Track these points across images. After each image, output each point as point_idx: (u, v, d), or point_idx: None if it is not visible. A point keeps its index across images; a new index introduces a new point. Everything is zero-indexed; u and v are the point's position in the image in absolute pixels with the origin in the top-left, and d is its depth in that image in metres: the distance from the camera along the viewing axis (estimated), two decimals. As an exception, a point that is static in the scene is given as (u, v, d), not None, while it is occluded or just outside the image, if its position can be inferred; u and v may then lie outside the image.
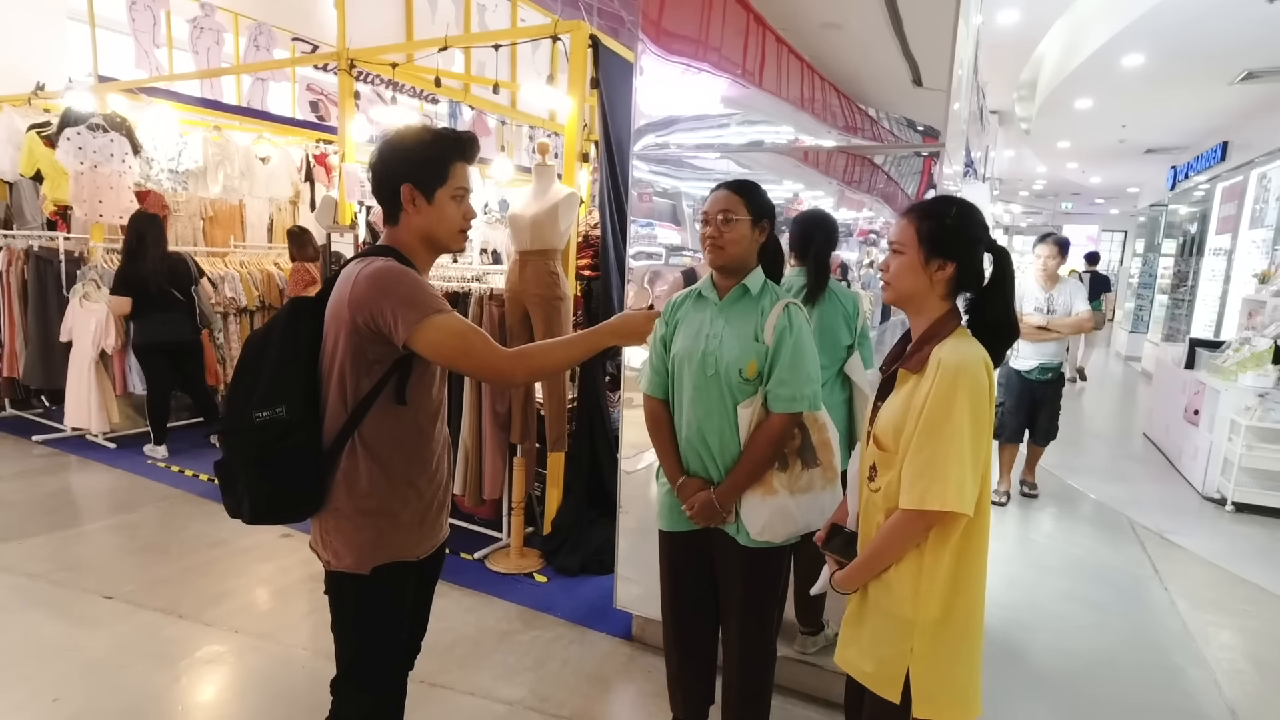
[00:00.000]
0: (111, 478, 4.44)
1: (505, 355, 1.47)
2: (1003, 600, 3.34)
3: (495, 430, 3.39)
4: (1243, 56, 6.03)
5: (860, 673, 1.48)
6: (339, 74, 4.41)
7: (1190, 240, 9.55)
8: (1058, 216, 20.08)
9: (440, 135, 1.50)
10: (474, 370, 1.48)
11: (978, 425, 1.30)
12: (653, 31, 2.47)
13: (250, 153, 6.21)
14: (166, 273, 4.62)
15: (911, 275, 1.41)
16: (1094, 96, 7.72)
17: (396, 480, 1.49)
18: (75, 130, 4.81)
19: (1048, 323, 4.25)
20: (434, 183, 1.46)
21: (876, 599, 1.45)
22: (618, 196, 3.37)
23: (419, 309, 1.39)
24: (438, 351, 1.41)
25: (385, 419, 1.47)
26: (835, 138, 2.28)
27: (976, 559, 1.37)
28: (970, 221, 1.40)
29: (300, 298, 1.53)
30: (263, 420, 1.40)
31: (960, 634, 1.38)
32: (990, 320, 1.42)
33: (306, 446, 1.44)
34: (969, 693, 1.39)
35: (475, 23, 7.18)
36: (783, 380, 1.71)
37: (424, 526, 1.57)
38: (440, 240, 1.51)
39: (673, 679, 2.06)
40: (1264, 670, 2.85)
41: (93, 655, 2.59)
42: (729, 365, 1.74)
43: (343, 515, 1.48)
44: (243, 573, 3.27)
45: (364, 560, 1.48)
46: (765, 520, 1.75)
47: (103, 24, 5.60)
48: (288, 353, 1.45)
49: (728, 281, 1.81)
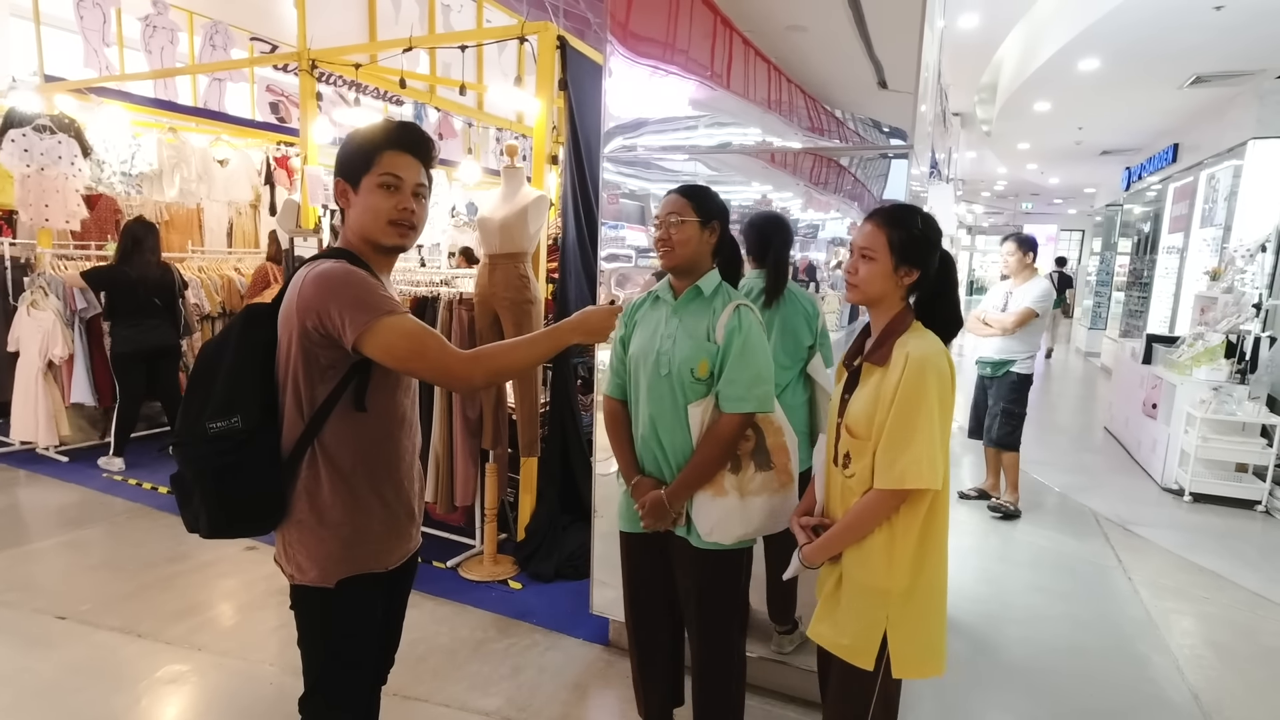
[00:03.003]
0: (63, 492, 4.27)
1: (462, 357, 1.40)
2: (971, 594, 3.39)
3: (466, 436, 3.33)
4: (1192, 61, 6.24)
5: (836, 645, 1.56)
6: (300, 75, 4.31)
7: (1144, 239, 9.85)
8: (1018, 216, 20.58)
9: (379, 125, 1.45)
10: (429, 374, 1.40)
11: (944, 409, 1.44)
12: (620, 33, 2.46)
13: (208, 155, 6.04)
14: (155, 281, 4.48)
15: (882, 280, 1.52)
16: (1052, 99, 7.92)
17: (360, 490, 1.44)
18: (20, 131, 4.63)
19: (985, 318, 4.26)
20: (359, 170, 1.40)
21: (852, 574, 1.54)
22: (585, 198, 3.35)
23: (367, 310, 1.33)
24: (389, 354, 1.35)
25: (345, 427, 1.41)
26: (802, 139, 2.29)
27: (940, 528, 1.51)
28: (933, 230, 1.54)
29: (255, 304, 1.47)
30: (217, 431, 1.34)
31: (929, 597, 1.51)
32: (938, 315, 1.56)
33: (264, 457, 1.38)
34: (938, 650, 1.53)
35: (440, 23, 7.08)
36: (731, 380, 1.73)
37: (392, 537, 1.52)
38: (369, 233, 1.42)
39: (637, 680, 2.08)
40: (1223, 655, 2.93)
41: (46, 679, 2.48)
42: (681, 364, 1.76)
43: (305, 527, 1.42)
44: (205, 588, 3.17)
45: (329, 573, 1.43)
46: (714, 521, 1.75)
47: (48, 21, 5.39)
48: (242, 360, 1.39)
49: (682, 283, 1.84)
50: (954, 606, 3.24)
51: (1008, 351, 4.21)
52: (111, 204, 5.49)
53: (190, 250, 5.92)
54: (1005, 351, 4.21)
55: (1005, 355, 4.21)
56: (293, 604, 1.50)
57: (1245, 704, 2.61)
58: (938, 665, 1.52)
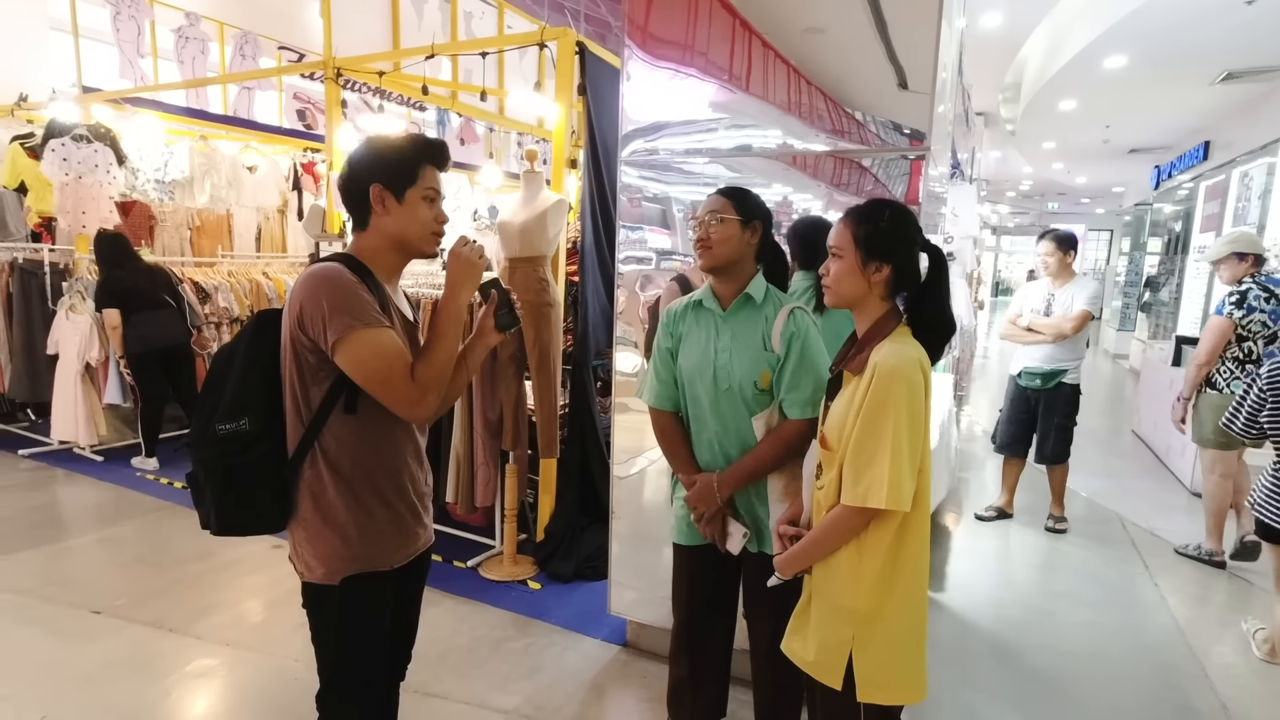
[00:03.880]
0: (99, 491, 4.40)
1: (411, 386, 1.39)
2: (994, 598, 3.35)
3: (487, 437, 3.37)
4: (1223, 57, 6.11)
5: (803, 661, 1.52)
6: (325, 82, 4.40)
7: (1175, 239, 9.65)
8: (1044, 216, 20.26)
9: (410, 137, 1.50)
10: (388, 402, 1.39)
11: (913, 424, 1.35)
12: (639, 37, 2.48)
13: (237, 162, 6.18)
14: (148, 278, 4.59)
15: (851, 278, 1.45)
16: (1077, 98, 7.80)
17: (361, 490, 1.47)
18: (60, 141, 4.78)
19: (1031, 323, 3.95)
20: (404, 183, 1.44)
21: (820, 589, 1.50)
22: (603, 201, 3.38)
23: (347, 317, 1.34)
24: (357, 368, 1.36)
25: (342, 428, 1.44)
26: (822, 141, 2.30)
27: (915, 553, 1.42)
28: (904, 224, 1.45)
29: (266, 310, 1.52)
30: (226, 433, 1.40)
31: (899, 624, 1.42)
32: (925, 318, 1.46)
33: (269, 458, 1.43)
34: (913, 677, 1.44)
35: (462, 30, 7.19)
36: (795, 385, 1.70)
37: (397, 535, 1.53)
38: (411, 242, 1.47)
39: (682, 692, 2.03)
40: (1254, 666, 2.87)
41: (81, 671, 2.56)
42: (743, 379, 1.73)
43: (311, 526, 1.47)
44: (233, 585, 3.24)
45: (334, 571, 1.47)
46: None
47: (86, 34, 5.57)
48: (250, 365, 1.44)
49: (728, 289, 1.79)
50: (974, 611, 3.22)
51: (1058, 360, 3.93)
52: (145, 210, 5.64)
53: (220, 255, 6.06)
54: (1055, 360, 3.93)
55: (1056, 364, 3.93)
56: (304, 602, 1.54)
57: (1274, 716, 2.55)
58: (913, 692, 1.44)
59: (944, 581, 3.53)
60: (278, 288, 5.71)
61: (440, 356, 1.44)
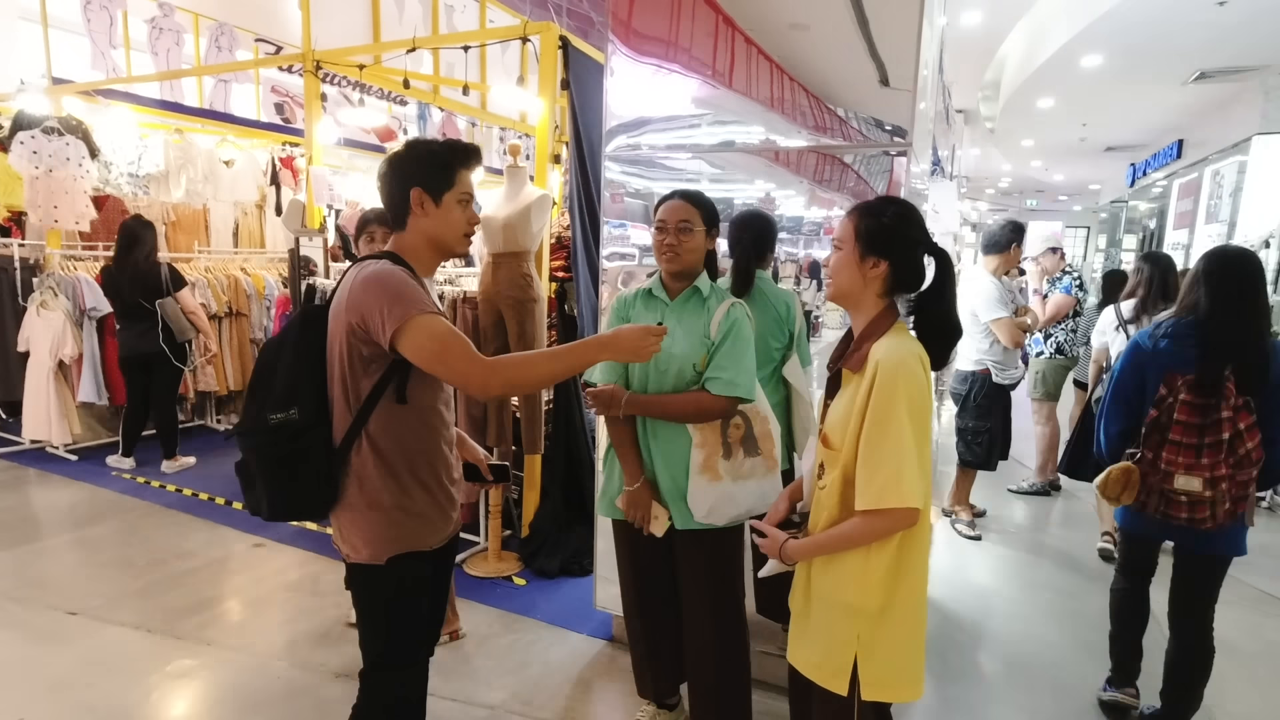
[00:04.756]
0: (74, 491, 4.32)
1: (481, 365, 1.47)
2: (978, 590, 3.40)
3: (471, 433, 3.36)
4: (1195, 57, 6.23)
5: (809, 666, 1.51)
6: (305, 76, 4.34)
7: (1150, 235, 9.83)
8: (1023, 213, 20.53)
9: (449, 144, 1.60)
10: (449, 377, 1.50)
11: (917, 420, 1.33)
12: (622, 32, 2.48)
13: (214, 156, 6.07)
14: (140, 283, 4.47)
15: (847, 271, 1.45)
16: (1055, 96, 7.91)
17: (404, 476, 1.55)
18: (29, 134, 4.67)
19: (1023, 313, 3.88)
20: (442, 187, 1.54)
21: (822, 591, 1.48)
22: (588, 197, 3.37)
23: (405, 306, 1.43)
24: (417, 353, 1.44)
25: (389, 418, 1.52)
26: (804, 138, 2.31)
27: (919, 548, 1.43)
28: (907, 222, 1.43)
29: (312, 305, 1.60)
30: (277, 422, 1.49)
31: (904, 620, 1.43)
32: (929, 321, 1.46)
33: (318, 446, 1.52)
34: (914, 674, 1.45)
35: (443, 24, 7.12)
36: (721, 366, 1.83)
37: (436, 518, 1.62)
38: (446, 243, 1.58)
39: (644, 661, 2.18)
40: (1229, 652, 2.92)
41: (59, 673, 2.52)
42: (682, 362, 1.87)
43: (357, 510, 1.55)
44: (214, 585, 3.20)
45: (380, 552, 1.55)
46: (710, 504, 1.87)
47: (56, 24, 5.44)
48: (299, 357, 1.54)
49: (679, 284, 1.93)
50: (958, 604, 3.27)
51: None
52: (119, 205, 5.53)
53: (197, 250, 5.97)
54: None
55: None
56: (349, 582, 1.63)
57: (1248, 700, 2.62)
58: (914, 689, 1.44)
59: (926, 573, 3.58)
60: (256, 283, 5.63)
61: (534, 372, 1.55)
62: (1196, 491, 2.02)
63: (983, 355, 3.81)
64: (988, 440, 3.87)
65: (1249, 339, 2.02)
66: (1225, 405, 1.99)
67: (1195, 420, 2.02)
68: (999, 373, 3.80)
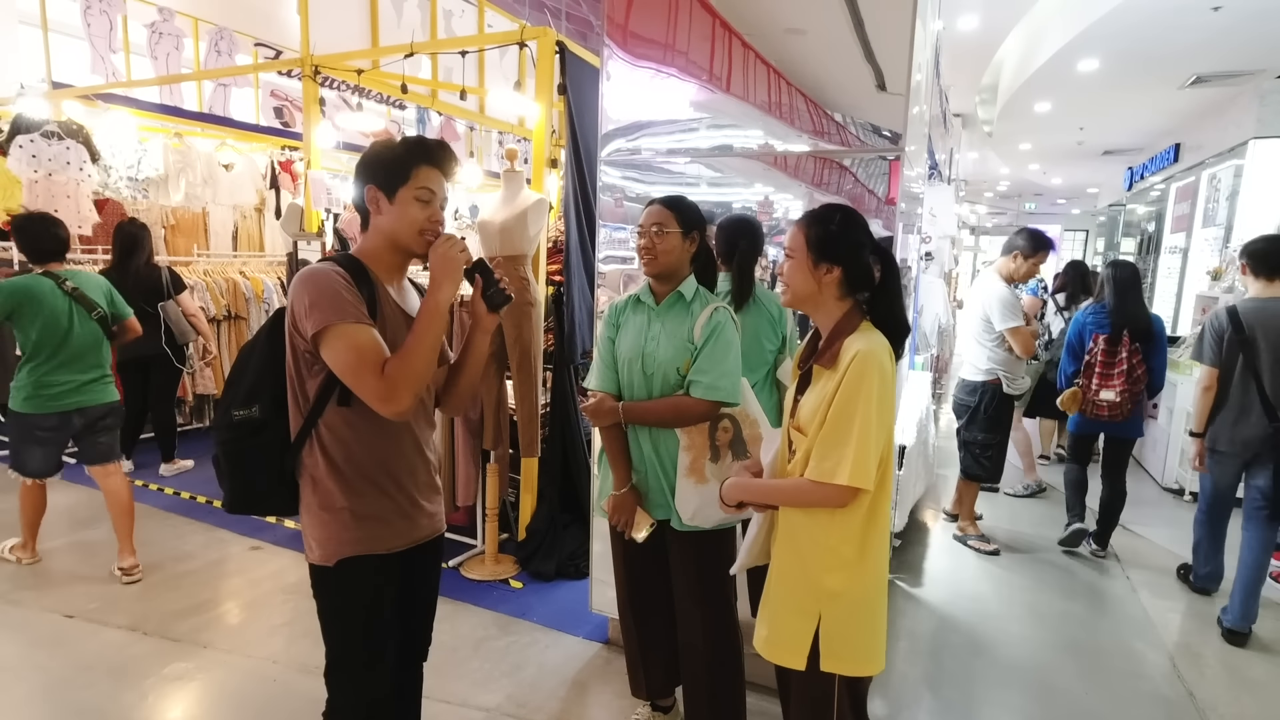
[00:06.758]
0: (70, 494, 4.32)
1: (384, 382, 1.40)
2: (970, 592, 3.41)
3: (467, 437, 3.37)
4: (1191, 61, 6.25)
5: (766, 644, 1.57)
6: (303, 80, 4.36)
7: (1148, 238, 9.85)
8: (1021, 217, 20.55)
9: (406, 139, 1.55)
10: (361, 395, 1.42)
11: (882, 408, 1.42)
12: (619, 36, 2.49)
13: (213, 159, 6.09)
14: (142, 287, 4.46)
15: (801, 277, 1.53)
16: (1052, 100, 7.93)
17: (355, 479, 1.52)
18: (28, 138, 4.68)
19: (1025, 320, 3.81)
20: (395, 182, 1.48)
21: (784, 573, 1.56)
22: (585, 201, 3.38)
23: (322, 312, 1.39)
24: (333, 362, 1.41)
25: (338, 419, 1.50)
26: (802, 142, 2.32)
27: (880, 530, 1.50)
28: (852, 227, 1.52)
29: (284, 306, 1.56)
30: (240, 418, 1.52)
31: (865, 599, 1.50)
32: (879, 318, 1.53)
33: (273, 444, 1.53)
34: (873, 650, 1.52)
35: (441, 29, 7.15)
36: (702, 369, 1.85)
37: (397, 520, 1.58)
38: (402, 240, 1.51)
39: (638, 661, 2.20)
40: (1220, 656, 2.94)
41: (54, 676, 2.52)
42: (667, 365, 1.90)
43: (310, 510, 1.54)
44: (210, 587, 3.20)
45: (329, 553, 1.53)
46: (695, 506, 1.89)
47: (56, 28, 5.46)
48: (263, 356, 1.54)
49: (664, 288, 1.97)
50: (951, 604, 3.27)
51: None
52: (118, 208, 5.54)
53: (196, 254, 5.97)
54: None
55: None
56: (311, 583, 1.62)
57: (1240, 701, 2.62)
58: (870, 664, 1.52)
59: (921, 576, 3.58)
60: (255, 287, 5.64)
61: (414, 353, 1.43)
62: (1112, 400, 3.58)
63: (994, 365, 3.75)
64: (997, 453, 3.86)
65: (1137, 311, 3.60)
66: (1124, 349, 3.55)
67: (1108, 359, 3.61)
68: (1009, 383, 3.77)
